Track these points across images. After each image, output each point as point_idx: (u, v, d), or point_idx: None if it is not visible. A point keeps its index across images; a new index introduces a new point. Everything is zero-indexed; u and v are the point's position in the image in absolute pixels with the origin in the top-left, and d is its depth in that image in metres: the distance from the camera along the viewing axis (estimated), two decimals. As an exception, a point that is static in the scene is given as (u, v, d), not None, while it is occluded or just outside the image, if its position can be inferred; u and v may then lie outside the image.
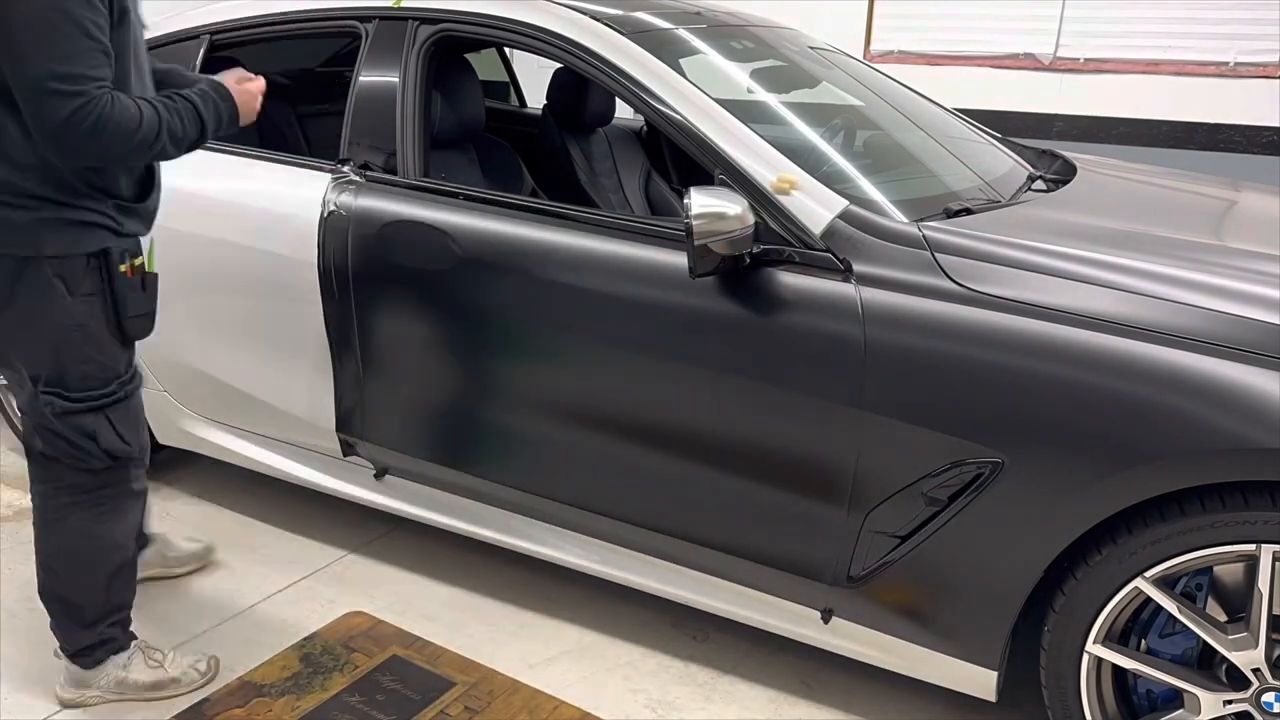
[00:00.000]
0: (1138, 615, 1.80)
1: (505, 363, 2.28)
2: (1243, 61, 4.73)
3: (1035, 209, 2.22)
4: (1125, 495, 1.67)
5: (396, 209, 2.34)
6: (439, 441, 2.44)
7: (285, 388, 2.59)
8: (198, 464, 3.20)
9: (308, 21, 2.64)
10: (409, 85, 2.41)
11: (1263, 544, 1.61)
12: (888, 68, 3.62)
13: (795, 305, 1.90)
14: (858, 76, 2.87)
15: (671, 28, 2.43)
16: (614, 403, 2.14)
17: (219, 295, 2.61)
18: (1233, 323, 1.65)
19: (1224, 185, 2.74)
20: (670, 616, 2.46)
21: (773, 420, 1.96)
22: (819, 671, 2.29)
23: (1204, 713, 1.72)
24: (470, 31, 2.39)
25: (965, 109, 3.21)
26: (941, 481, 1.82)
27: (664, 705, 2.18)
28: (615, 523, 2.22)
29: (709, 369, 1.99)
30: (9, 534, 2.78)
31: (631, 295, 2.06)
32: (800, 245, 1.93)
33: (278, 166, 2.59)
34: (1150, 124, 4.97)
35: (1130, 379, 1.65)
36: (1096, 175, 2.65)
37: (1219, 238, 2.23)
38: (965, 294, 1.80)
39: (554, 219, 2.20)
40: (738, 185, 1.97)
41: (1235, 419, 1.58)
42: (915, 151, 2.58)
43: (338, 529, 2.83)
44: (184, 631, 2.38)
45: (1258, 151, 4.77)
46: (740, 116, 2.08)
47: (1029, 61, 5.14)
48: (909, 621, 1.96)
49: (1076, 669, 1.81)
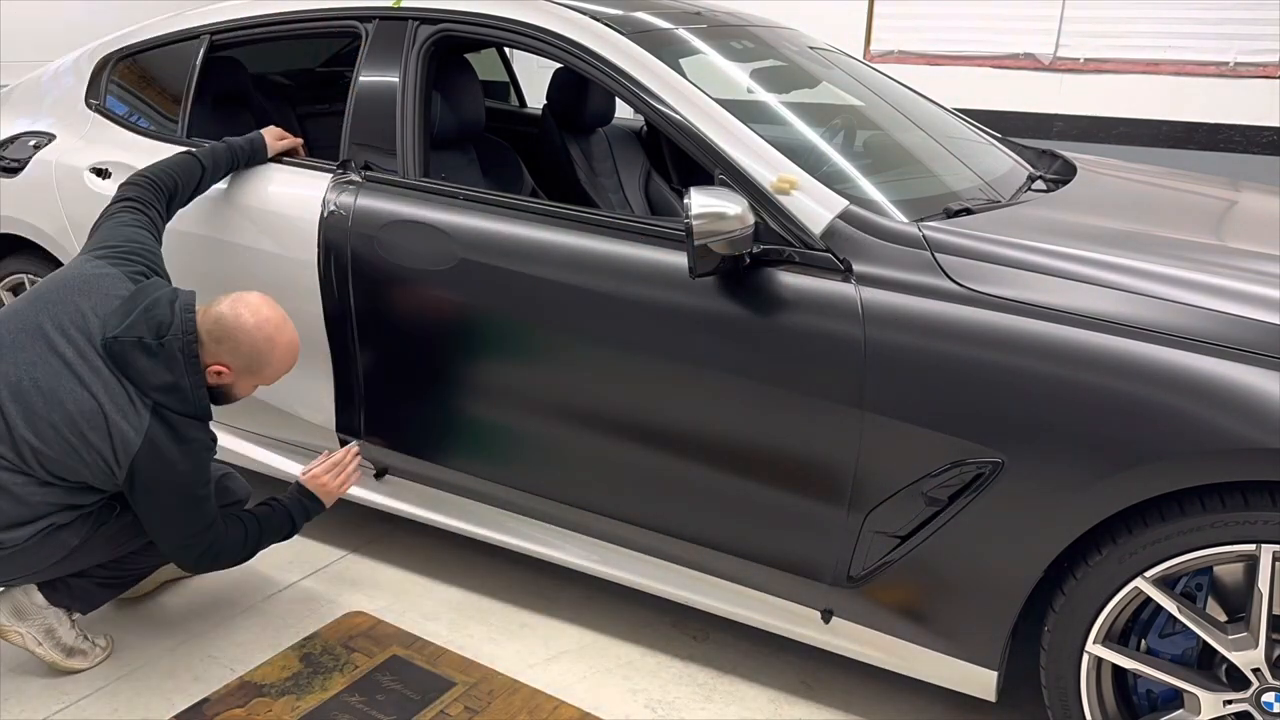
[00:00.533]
0: (1138, 615, 1.79)
1: (504, 363, 2.28)
2: (1243, 61, 4.73)
3: (1035, 209, 2.22)
4: (1125, 495, 1.67)
5: (396, 209, 2.34)
6: (439, 441, 2.44)
7: (285, 387, 2.59)
8: (198, 464, 3.20)
9: (308, 21, 2.64)
10: (409, 85, 2.41)
11: (1263, 544, 1.61)
12: (888, 68, 3.62)
13: (795, 305, 1.90)
14: (858, 76, 2.87)
15: (671, 28, 2.42)
16: (614, 403, 2.14)
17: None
18: (1233, 323, 1.65)
19: (1224, 185, 2.74)
20: (670, 616, 2.46)
21: (773, 420, 1.96)
22: (819, 671, 2.29)
23: (1204, 713, 1.72)
24: (470, 31, 2.39)
25: (965, 109, 3.21)
26: (941, 481, 1.82)
27: (664, 705, 2.18)
28: (615, 523, 2.22)
29: (709, 369, 1.99)
30: (9, 534, 2.78)
31: (631, 295, 2.06)
32: (800, 245, 1.93)
33: (279, 167, 2.59)
34: (1150, 124, 4.97)
35: (1130, 379, 1.65)
36: (1096, 175, 2.65)
37: (1219, 238, 2.23)
38: (965, 294, 1.80)
39: (554, 219, 2.20)
40: (738, 185, 1.97)
41: (1235, 419, 1.58)
42: (915, 151, 2.58)
43: (338, 529, 2.83)
44: (184, 631, 2.38)
45: (1258, 151, 4.77)
46: (740, 116, 2.08)
47: (1029, 61, 5.14)
48: (909, 621, 1.95)
49: (1076, 669, 1.81)
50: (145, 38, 2.94)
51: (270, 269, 2.49)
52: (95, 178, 2.80)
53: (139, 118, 2.89)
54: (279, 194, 2.52)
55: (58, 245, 2.87)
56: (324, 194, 2.42)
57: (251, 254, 2.52)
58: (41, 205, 2.89)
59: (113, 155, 2.80)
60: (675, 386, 2.04)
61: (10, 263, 3.05)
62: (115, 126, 2.89)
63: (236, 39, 2.77)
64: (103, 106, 2.95)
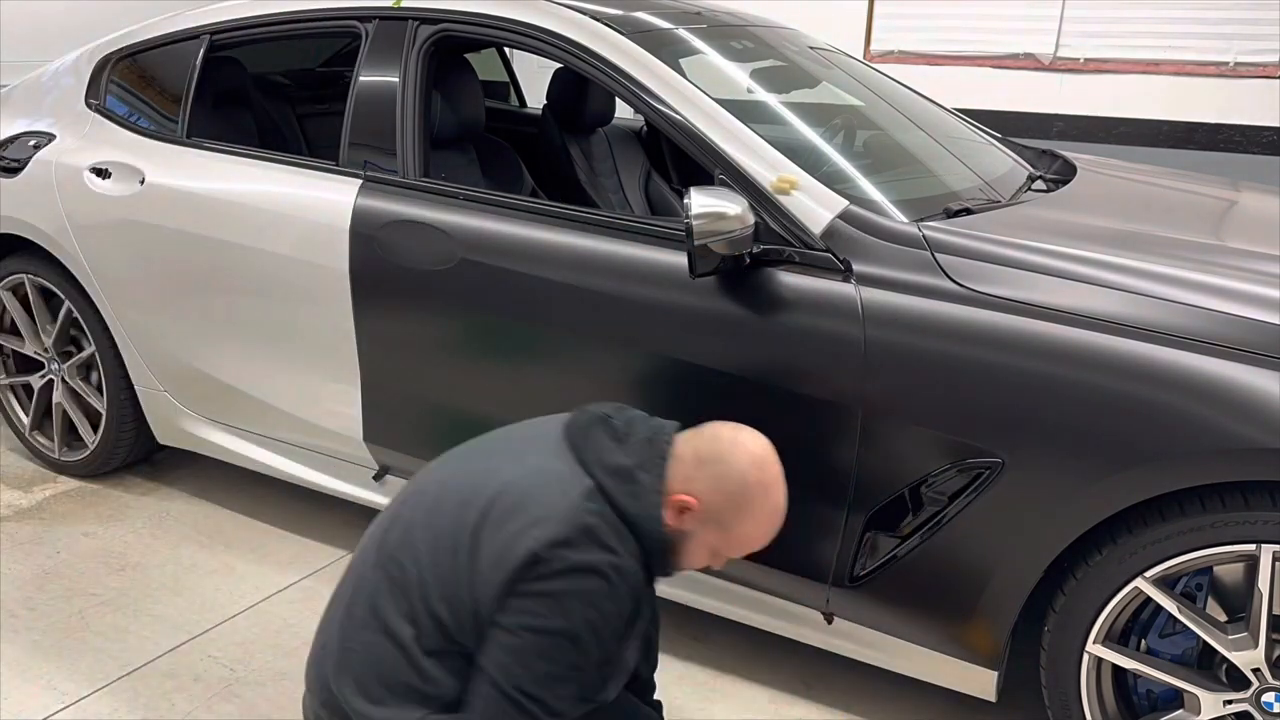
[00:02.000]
0: (1138, 615, 1.79)
1: (504, 362, 2.27)
2: (1243, 61, 4.73)
3: (1035, 209, 2.22)
4: (1126, 495, 1.67)
5: (398, 209, 2.33)
6: (438, 442, 2.43)
7: (300, 391, 2.59)
8: (198, 464, 3.20)
9: (308, 21, 2.64)
10: (409, 85, 2.41)
11: (1263, 544, 1.61)
12: (888, 68, 3.62)
13: (795, 305, 1.90)
14: (858, 76, 2.87)
15: (671, 28, 2.42)
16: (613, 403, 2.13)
17: (229, 297, 2.61)
18: (1233, 323, 1.65)
19: (1224, 185, 2.74)
20: (670, 616, 2.46)
21: (773, 420, 1.95)
22: (819, 671, 2.29)
23: (1204, 713, 1.72)
24: (470, 31, 2.39)
25: (965, 109, 3.21)
26: (941, 481, 1.82)
27: (664, 705, 2.18)
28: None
29: (709, 369, 1.99)
30: (9, 534, 2.78)
31: (632, 295, 2.06)
32: (800, 245, 1.93)
33: (295, 170, 2.54)
34: (1150, 124, 4.97)
35: (1130, 379, 1.65)
36: (1096, 175, 2.65)
37: (1219, 238, 2.23)
38: (965, 294, 1.80)
39: (554, 219, 2.20)
40: (738, 185, 1.97)
41: (1235, 419, 1.58)
42: (915, 151, 2.58)
43: (338, 529, 2.83)
44: (184, 631, 2.38)
45: (1258, 151, 4.77)
46: (740, 116, 2.08)
47: (1029, 61, 5.14)
48: (909, 622, 1.96)
49: (1076, 669, 1.81)
50: (145, 38, 2.94)
51: (288, 272, 2.46)
52: (95, 178, 2.80)
53: (139, 118, 2.89)
54: (297, 197, 2.48)
55: (57, 245, 2.87)
56: (353, 199, 2.38)
57: (267, 257, 2.49)
58: (41, 205, 2.89)
59: (113, 155, 2.80)
60: (676, 386, 2.04)
61: (10, 263, 3.05)
62: (115, 126, 2.89)
63: (236, 39, 2.77)
64: (103, 106, 2.95)
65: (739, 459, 1.51)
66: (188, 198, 2.61)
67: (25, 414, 3.21)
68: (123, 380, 2.94)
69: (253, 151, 2.66)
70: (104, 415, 3.00)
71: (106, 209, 2.76)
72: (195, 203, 2.59)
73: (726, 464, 1.50)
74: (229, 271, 2.56)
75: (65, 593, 2.52)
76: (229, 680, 2.22)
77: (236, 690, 2.19)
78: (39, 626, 2.38)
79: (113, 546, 2.75)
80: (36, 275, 2.99)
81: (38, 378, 3.12)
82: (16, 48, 4.87)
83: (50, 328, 3.05)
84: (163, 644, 2.33)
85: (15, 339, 3.16)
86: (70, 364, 3.04)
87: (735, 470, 1.50)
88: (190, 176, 2.64)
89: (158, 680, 2.21)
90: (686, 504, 1.49)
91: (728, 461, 1.50)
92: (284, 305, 2.50)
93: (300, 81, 3.57)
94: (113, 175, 2.77)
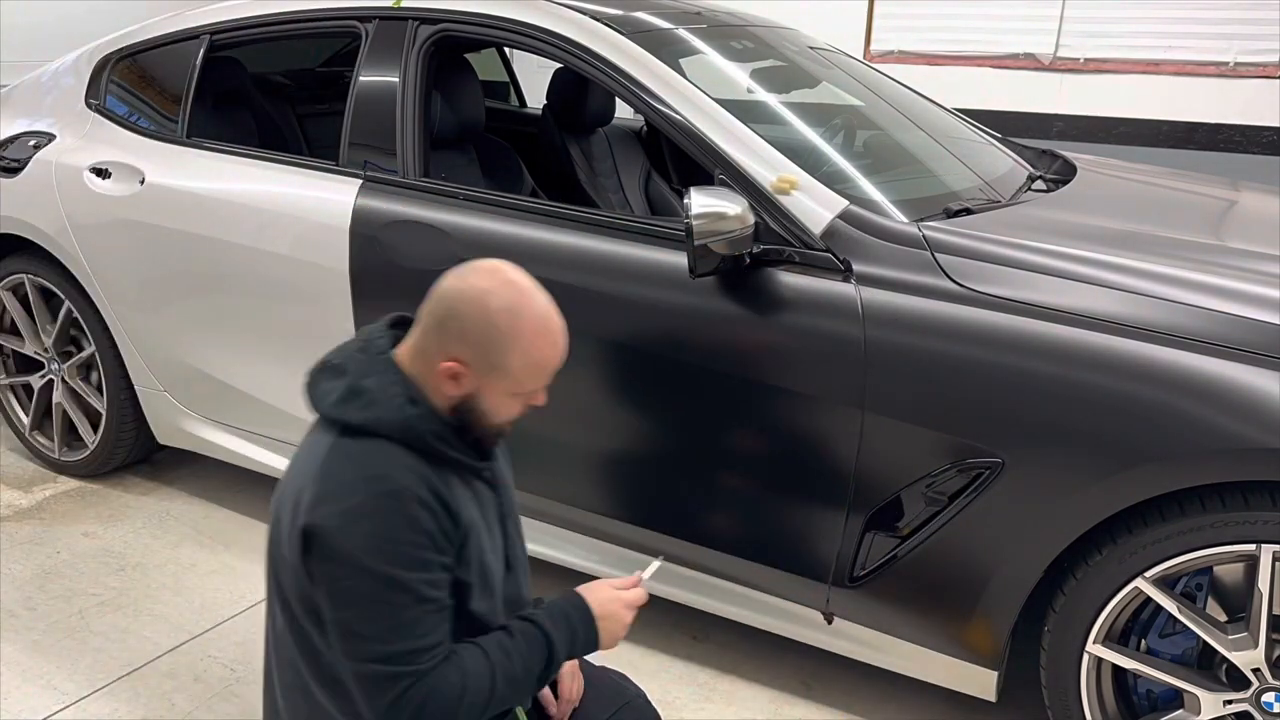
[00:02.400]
0: (1138, 615, 1.79)
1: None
2: (1243, 61, 4.73)
3: (1035, 209, 2.22)
4: (1125, 495, 1.67)
5: (399, 209, 2.33)
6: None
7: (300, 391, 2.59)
8: (198, 464, 3.20)
9: (308, 21, 2.64)
10: (409, 85, 2.41)
11: (1263, 544, 1.61)
12: (888, 68, 3.62)
13: (795, 305, 1.90)
14: (858, 76, 2.87)
15: (671, 28, 2.42)
16: (614, 403, 2.13)
17: (229, 297, 2.61)
18: (1233, 323, 1.65)
19: (1224, 185, 2.74)
20: (670, 616, 2.46)
21: (773, 420, 1.96)
22: (819, 671, 2.29)
23: (1204, 713, 1.72)
24: (470, 31, 2.39)
25: (965, 109, 3.21)
26: (941, 481, 1.82)
27: (664, 705, 2.18)
28: (615, 522, 2.22)
29: (709, 369, 1.99)
30: (9, 534, 2.78)
31: (632, 295, 2.06)
32: (800, 245, 1.93)
33: (295, 170, 2.54)
34: (1150, 124, 4.97)
35: (1130, 379, 1.65)
36: (1096, 175, 2.65)
37: (1219, 238, 2.23)
38: (965, 294, 1.80)
39: (554, 219, 2.20)
40: (738, 185, 1.97)
41: (1235, 419, 1.58)
42: (915, 151, 2.58)
43: (338, 529, 2.82)
44: (184, 631, 2.38)
45: (1258, 151, 4.77)
46: (740, 116, 2.08)
47: (1029, 61, 5.14)
48: (909, 622, 1.96)
49: (1076, 669, 1.81)
50: (145, 38, 2.94)
51: (284, 271, 2.47)
52: (95, 178, 2.80)
53: (139, 118, 2.89)
54: (300, 197, 2.48)
55: (57, 245, 2.87)
56: (353, 199, 2.38)
57: (265, 256, 2.49)
58: (41, 205, 2.89)
59: (113, 155, 2.80)
60: (675, 387, 2.04)
61: (10, 263, 3.05)
62: (115, 126, 2.89)
63: (236, 39, 2.77)
64: (103, 106, 2.95)
65: (471, 301, 1.38)
66: (188, 198, 2.61)
67: (25, 414, 3.21)
68: (123, 380, 2.94)
69: (253, 151, 2.66)
70: (104, 415, 3.00)
71: (106, 209, 2.76)
72: (195, 203, 2.59)
73: (461, 314, 1.38)
74: (229, 272, 2.56)
75: (65, 593, 2.52)
76: (229, 680, 2.22)
77: (236, 690, 2.19)
78: (39, 626, 2.38)
79: (113, 546, 2.75)
80: (36, 275, 2.99)
81: (38, 378, 3.12)
82: (16, 48, 4.87)
83: (50, 328, 3.05)
84: (163, 644, 2.33)
85: (15, 339, 3.16)
86: (70, 364, 3.04)
87: (473, 313, 1.38)
88: (190, 176, 2.64)
89: (158, 680, 2.21)
90: (453, 370, 1.38)
91: (461, 312, 1.38)
92: (284, 305, 2.50)
93: (300, 81, 3.57)
94: (113, 175, 2.77)
